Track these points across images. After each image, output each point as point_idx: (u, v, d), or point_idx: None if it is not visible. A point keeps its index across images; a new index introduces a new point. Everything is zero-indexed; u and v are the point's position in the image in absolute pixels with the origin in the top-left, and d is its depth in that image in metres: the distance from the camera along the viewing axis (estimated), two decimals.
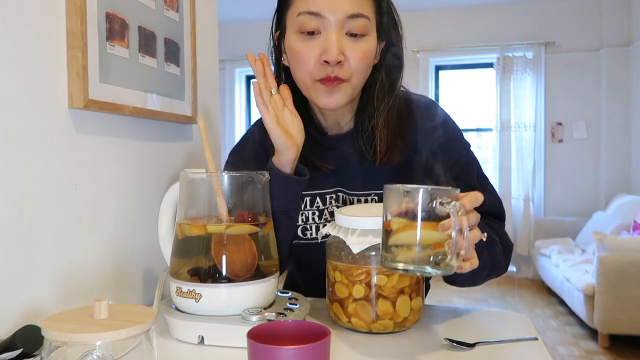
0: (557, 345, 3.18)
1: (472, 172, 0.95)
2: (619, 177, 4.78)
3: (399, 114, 0.94)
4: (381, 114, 0.92)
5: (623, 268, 3.06)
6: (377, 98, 0.92)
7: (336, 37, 0.84)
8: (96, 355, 0.50)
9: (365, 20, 0.85)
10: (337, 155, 0.97)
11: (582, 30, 4.90)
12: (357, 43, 0.86)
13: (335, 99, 0.88)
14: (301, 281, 1.07)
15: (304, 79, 0.89)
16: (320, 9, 0.83)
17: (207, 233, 0.79)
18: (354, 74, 0.87)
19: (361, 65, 0.87)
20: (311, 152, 0.96)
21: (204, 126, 0.85)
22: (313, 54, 0.85)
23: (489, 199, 0.91)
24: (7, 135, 0.70)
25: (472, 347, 0.74)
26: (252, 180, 0.82)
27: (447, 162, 0.93)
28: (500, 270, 0.89)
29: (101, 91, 0.84)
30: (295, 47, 0.87)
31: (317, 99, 0.89)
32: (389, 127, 0.92)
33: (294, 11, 0.87)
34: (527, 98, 4.96)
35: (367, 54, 0.87)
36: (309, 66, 0.86)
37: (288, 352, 0.50)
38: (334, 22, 0.83)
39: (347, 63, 0.86)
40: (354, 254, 0.77)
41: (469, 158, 0.96)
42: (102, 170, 0.89)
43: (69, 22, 0.79)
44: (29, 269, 0.74)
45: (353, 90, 0.89)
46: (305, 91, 0.91)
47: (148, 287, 1.01)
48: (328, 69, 0.85)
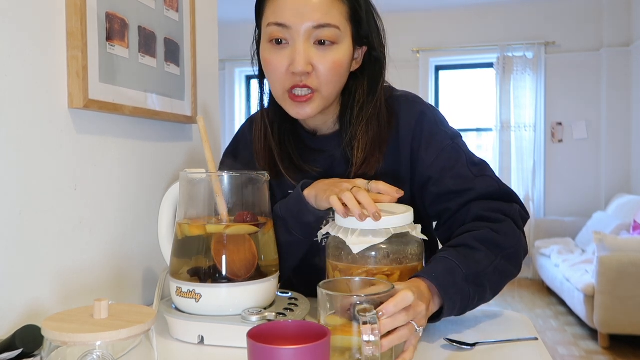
0: (557, 345, 3.18)
1: (460, 161, 0.91)
2: (619, 177, 4.78)
3: (379, 120, 0.93)
4: (361, 122, 0.91)
5: (623, 268, 3.06)
6: (357, 104, 0.92)
7: (303, 47, 0.84)
8: (96, 355, 0.50)
9: (334, 29, 0.84)
10: (326, 157, 0.97)
11: (582, 30, 4.90)
12: (325, 52, 0.85)
13: (304, 111, 0.88)
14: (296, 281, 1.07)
15: (276, 89, 0.89)
16: (286, 20, 0.83)
17: (207, 233, 0.79)
18: (322, 83, 0.86)
19: (330, 75, 0.86)
20: (299, 154, 0.96)
21: (204, 126, 0.85)
22: (282, 64, 0.86)
23: (486, 182, 0.89)
24: (7, 135, 0.70)
25: (472, 347, 0.74)
26: (252, 180, 0.82)
27: (431, 156, 0.91)
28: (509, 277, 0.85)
29: (101, 91, 0.84)
30: (266, 58, 0.88)
31: (288, 109, 0.90)
32: (368, 135, 0.91)
33: (265, 21, 0.87)
34: (527, 98, 4.96)
35: (336, 64, 0.86)
36: (280, 76, 0.87)
37: (288, 352, 0.50)
38: (301, 32, 0.83)
39: (315, 73, 0.85)
40: (353, 254, 0.77)
41: (454, 147, 0.92)
42: (102, 170, 0.89)
43: (69, 22, 0.79)
44: (29, 269, 0.74)
45: (325, 101, 0.89)
46: (278, 101, 0.91)
47: (148, 287, 1.01)
48: (296, 78, 0.86)
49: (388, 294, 0.64)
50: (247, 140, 1.03)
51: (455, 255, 0.79)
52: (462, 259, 0.78)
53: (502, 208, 0.87)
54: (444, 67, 5.34)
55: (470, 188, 0.88)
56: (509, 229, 0.85)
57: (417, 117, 0.93)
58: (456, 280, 0.76)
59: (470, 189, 0.88)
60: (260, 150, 0.97)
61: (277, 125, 0.96)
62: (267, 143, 0.96)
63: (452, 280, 0.76)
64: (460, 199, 0.89)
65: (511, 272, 0.84)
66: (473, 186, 0.88)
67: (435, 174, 0.90)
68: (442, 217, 0.93)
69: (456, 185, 0.89)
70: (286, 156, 0.95)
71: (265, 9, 0.88)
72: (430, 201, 0.93)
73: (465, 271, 0.77)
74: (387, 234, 0.77)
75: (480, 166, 0.92)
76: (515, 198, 0.91)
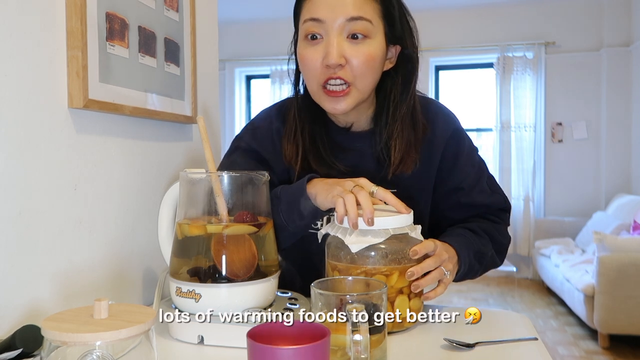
0: (557, 346, 3.18)
1: (483, 177, 1.03)
2: (619, 177, 4.78)
3: (413, 120, 0.95)
4: (397, 121, 0.94)
5: (623, 268, 3.06)
6: (392, 104, 0.95)
7: (336, 40, 0.86)
8: (96, 355, 0.50)
9: (367, 22, 0.86)
10: (355, 155, 0.98)
11: (582, 30, 4.89)
12: (358, 46, 0.87)
13: (340, 105, 0.89)
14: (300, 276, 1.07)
15: (311, 85, 0.91)
16: (320, 15, 0.86)
17: (207, 233, 0.79)
18: (357, 76, 0.88)
19: (364, 67, 0.88)
20: (330, 152, 0.97)
21: (204, 126, 0.85)
22: (316, 58, 0.88)
23: (498, 200, 1.03)
24: (7, 135, 0.70)
25: (472, 347, 0.74)
26: (252, 180, 0.82)
27: (463, 171, 1.00)
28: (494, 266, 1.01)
29: (101, 91, 0.84)
30: (302, 54, 0.90)
31: (323, 105, 0.91)
32: (403, 134, 0.94)
33: (302, 19, 0.90)
34: (527, 98, 4.96)
35: (369, 57, 0.88)
36: (315, 71, 0.89)
37: (288, 352, 0.50)
38: (335, 26, 0.86)
39: (349, 66, 0.87)
40: (352, 254, 0.77)
41: (481, 164, 1.04)
42: (102, 170, 0.89)
43: (69, 21, 0.79)
44: (29, 269, 0.74)
45: (360, 95, 0.91)
46: (314, 97, 0.93)
47: (148, 287, 1.01)
48: (330, 71, 0.87)
49: (379, 294, 0.65)
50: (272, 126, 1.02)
51: (469, 234, 0.95)
52: (474, 239, 0.94)
53: (501, 215, 1.04)
54: (444, 67, 5.33)
55: (489, 204, 1.02)
56: (503, 231, 1.03)
57: (451, 133, 1.00)
58: (470, 253, 0.91)
59: (489, 205, 1.02)
60: (291, 142, 0.97)
61: (310, 122, 0.97)
62: (297, 137, 0.97)
63: (467, 252, 0.90)
64: (477, 211, 1.02)
65: (496, 263, 1.01)
66: (490, 202, 1.02)
67: (466, 187, 1.00)
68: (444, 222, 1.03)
69: (480, 199, 1.01)
70: (316, 151, 0.96)
71: (302, 8, 0.91)
72: (448, 207, 1.02)
73: (476, 248, 0.93)
74: (386, 234, 0.77)
75: (492, 180, 1.05)
76: (509, 207, 1.06)
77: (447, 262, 0.85)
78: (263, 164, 1.00)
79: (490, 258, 0.97)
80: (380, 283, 0.68)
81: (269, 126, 1.02)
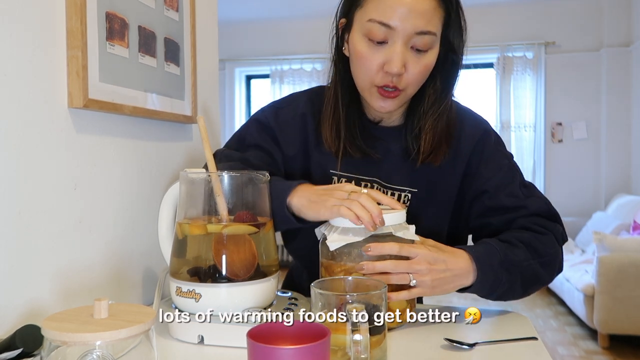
0: (557, 345, 3.18)
1: (515, 181, 0.97)
2: (618, 177, 4.78)
3: (447, 120, 0.95)
4: (430, 117, 0.94)
5: (623, 268, 3.06)
6: (428, 101, 0.94)
7: (401, 49, 0.85)
8: (96, 355, 0.50)
9: (432, 37, 0.86)
10: (383, 147, 0.98)
11: (582, 30, 4.89)
12: (420, 57, 0.87)
13: (388, 105, 0.90)
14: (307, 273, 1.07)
15: (363, 82, 0.90)
16: (392, 22, 0.83)
17: (207, 233, 0.79)
18: (410, 84, 0.89)
19: (419, 77, 0.89)
20: (361, 138, 0.97)
21: (204, 126, 0.85)
22: (376, 61, 0.86)
23: (536, 202, 0.95)
24: (6, 135, 0.70)
25: (471, 347, 0.74)
26: (252, 180, 0.82)
27: (490, 172, 0.96)
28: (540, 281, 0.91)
29: (101, 91, 0.84)
30: (360, 50, 0.88)
31: (371, 101, 0.91)
32: (435, 131, 0.94)
33: (365, 15, 0.86)
34: (527, 98, 4.96)
35: (427, 68, 0.88)
36: (371, 72, 0.88)
37: (288, 352, 0.50)
38: (403, 35, 0.84)
39: (406, 75, 0.87)
40: (332, 252, 0.80)
41: (511, 167, 0.99)
42: (102, 170, 0.89)
43: (68, 21, 0.79)
44: (29, 268, 0.74)
45: (406, 99, 0.92)
46: (362, 92, 0.93)
47: (148, 287, 1.01)
48: (388, 78, 0.87)
49: (379, 294, 0.65)
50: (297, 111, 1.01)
51: (496, 242, 0.87)
52: (502, 247, 0.86)
53: (546, 224, 0.93)
54: None
55: (522, 206, 0.94)
56: (549, 241, 0.91)
57: (481, 134, 0.99)
58: (492, 261, 0.84)
59: (522, 207, 0.94)
60: (329, 126, 0.96)
61: (347, 107, 0.96)
62: (335, 121, 0.96)
63: (488, 260, 0.83)
64: (509, 215, 0.94)
65: (543, 278, 0.90)
66: (524, 205, 0.94)
67: (491, 189, 0.96)
68: (484, 230, 0.97)
69: (510, 202, 0.95)
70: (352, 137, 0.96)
71: (367, 1, 0.87)
72: (478, 213, 0.98)
73: (503, 257, 0.84)
74: (366, 232, 0.78)
75: (530, 188, 0.99)
76: (560, 220, 0.97)
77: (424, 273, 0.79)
78: (275, 144, 1.00)
79: (529, 269, 0.87)
80: (380, 283, 0.68)
81: (294, 110, 1.02)
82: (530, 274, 0.88)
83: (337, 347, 0.64)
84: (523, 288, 0.88)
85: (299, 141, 1.00)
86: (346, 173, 0.99)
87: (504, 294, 0.87)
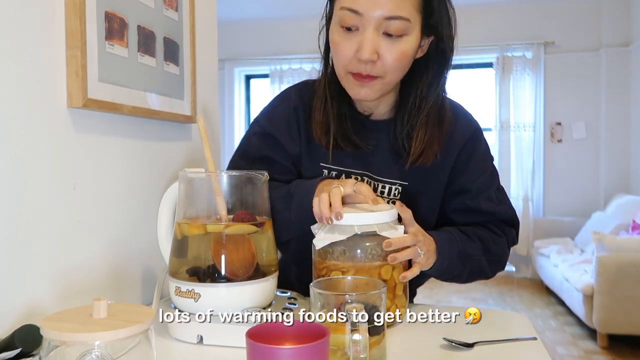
0: (556, 345, 3.19)
1: (493, 186, 1.01)
2: (618, 177, 4.78)
3: (440, 116, 0.94)
4: (422, 113, 0.93)
5: (622, 268, 3.06)
6: (419, 94, 0.94)
7: (372, 36, 0.85)
8: (95, 354, 0.50)
9: (404, 22, 0.85)
10: (374, 140, 0.98)
11: (582, 30, 4.89)
12: (393, 43, 0.86)
13: (364, 92, 0.90)
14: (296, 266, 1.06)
15: (339, 69, 0.91)
16: (359, 7, 0.84)
17: (206, 232, 0.79)
18: (387, 72, 0.88)
19: (396, 64, 0.87)
20: (352, 130, 0.97)
21: (203, 125, 0.85)
22: (349, 48, 0.87)
23: (505, 211, 1.00)
24: (6, 135, 0.70)
25: (471, 347, 0.74)
26: (252, 180, 0.82)
27: (476, 173, 0.99)
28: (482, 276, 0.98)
29: (100, 90, 0.84)
30: (334, 39, 0.89)
31: (348, 89, 0.92)
32: (427, 127, 0.93)
33: (339, 4, 0.88)
34: (526, 98, 4.96)
35: (403, 55, 0.87)
36: (345, 60, 0.88)
37: (287, 352, 0.50)
38: (372, 21, 0.84)
39: (380, 62, 0.86)
40: (318, 250, 0.82)
41: (494, 172, 1.02)
42: (102, 170, 0.89)
43: (68, 21, 0.79)
44: (28, 268, 0.74)
45: (386, 86, 0.91)
46: (340, 80, 0.93)
47: (147, 287, 1.01)
48: (361, 65, 0.87)
49: (379, 294, 0.65)
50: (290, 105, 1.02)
51: (457, 233, 0.93)
52: (462, 238, 0.92)
53: (504, 228, 1.00)
54: None
55: (494, 212, 0.99)
56: (502, 244, 0.99)
57: (472, 133, 1.00)
58: (452, 251, 0.90)
59: (493, 213, 0.99)
60: (319, 119, 0.97)
61: (337, 100, 0.96)
62: (325, 114, 0.96)
63: (449, 250, 0.89)
64: (481, 218, 0.99)
65: (486, 274, 0.98)
66: (496, 212, 0.99)
67: (474, 189, 0.99)
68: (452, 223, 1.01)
69: (485, 206, 0.99)
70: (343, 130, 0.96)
71: None
72: (455, 209, 1.01)
73: (461, 248, 0.91)
74: (350, 231, 0.79)
75: (502, 192, 1.03)
76: (517, 226, 1.03)
77: (421, 244, 0.84)
78: (277, 147, 1.00)
79: (478, 264, 0.94)
80: (379, 283, 0.68)
81: (287, 105, 1.02)
82: (478, 268, 0.95)
83: (336, 347, 0.64)
84: (467, 278, 0.95)
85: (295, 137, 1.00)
86: (337, 166, 0.99)
87: (448, 279, 0.94)
